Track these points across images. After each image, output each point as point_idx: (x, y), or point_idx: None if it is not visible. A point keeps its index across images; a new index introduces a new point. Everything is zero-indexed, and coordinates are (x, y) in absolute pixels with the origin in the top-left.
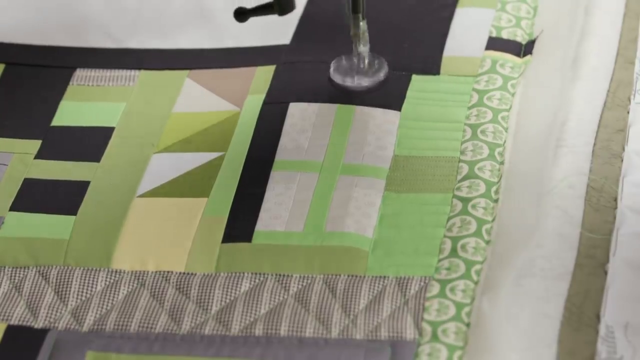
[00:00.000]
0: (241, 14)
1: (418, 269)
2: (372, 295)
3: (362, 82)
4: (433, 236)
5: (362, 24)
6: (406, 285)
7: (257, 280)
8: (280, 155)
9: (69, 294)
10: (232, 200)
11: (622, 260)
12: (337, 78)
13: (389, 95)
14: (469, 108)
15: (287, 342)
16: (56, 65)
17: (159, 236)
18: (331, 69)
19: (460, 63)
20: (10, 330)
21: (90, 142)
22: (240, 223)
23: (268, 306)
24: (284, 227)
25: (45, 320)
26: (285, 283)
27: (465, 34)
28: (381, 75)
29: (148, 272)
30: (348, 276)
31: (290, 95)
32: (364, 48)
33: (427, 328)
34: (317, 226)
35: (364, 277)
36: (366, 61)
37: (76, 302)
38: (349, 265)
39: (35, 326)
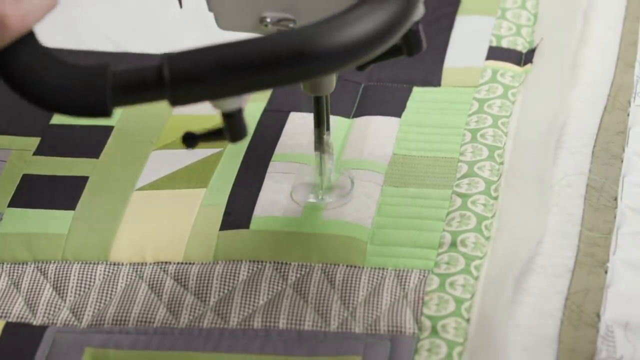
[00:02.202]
0: (190, 139)
1: (417, 261)
2: (371, 287)
3: (327, 198)
4: (432, 229)
5: (327, 137)
6: (405, 278)
7: (255, 268)
8: (280, 150)
9: (67, 289)
10: (230, 189)
11: (622, 260)
12: (300, 194)
13: (389, 105)
14: (469, 115)
15: (286, 335)
16: None
17: (158, 227)
18: (293, 184)
19: (461, 74)
20: (9, 327)
21: (89, 140)
22: (239, 210)
23: (266, 297)
24: (282, 212)
25: (43, 316)
26: (284, 271)
27: (466, 43)
28: (348, 190)
29: (146, 263)
30: (347, 266)
31: (291, 105)
32: (329, 162)
33: (427, 323)
34: (315, 213)
35: (363, 267)
36: (331, 176)
37: (74, 297)
38: (347, 255)
39: (34, 323)
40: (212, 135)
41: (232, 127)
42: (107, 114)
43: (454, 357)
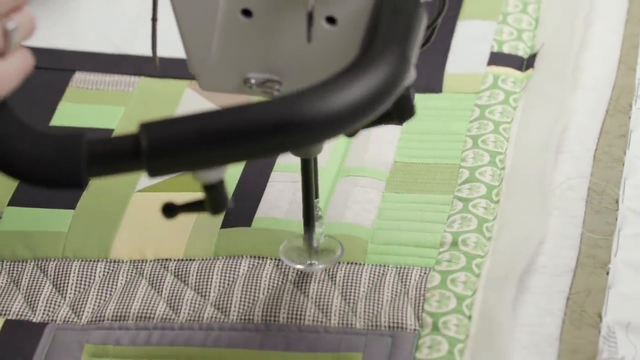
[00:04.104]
0: (170, 210)
1: (418, 259)
2: (371, 283)
3: (315, 265)
4: (433, 230)
5: (315, 202)
6: (406, 275)
7: (255, 263)
8: (282, 159)
9: (67, 286)
10: (232, 193)
11: (624, 261)
12: (287, 259)
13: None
14: (470, 122)
15: (287, 330)
16: (55, 67)
17: (158, 227)
18: (281, 248)
19: (462, 80)
20: (9, 324)
21: None
22: (240, 211)
23: (267, 291)
24: (284, 215)
25: (43, 314)
26: (284, 267)
27: (467, 49)
28: (338, 255)
29: (146, 260)
30: (347, 264)
31: None
32: (318, 227)
33: (428, 319)
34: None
35: (364, 265)
36: (320, 242)
37: (74, 294)
38: (347, 254)
39: (34, 320)
40: (192, 207)
41: (213, 199)
42: (81, 185)
43: (455, 355)
